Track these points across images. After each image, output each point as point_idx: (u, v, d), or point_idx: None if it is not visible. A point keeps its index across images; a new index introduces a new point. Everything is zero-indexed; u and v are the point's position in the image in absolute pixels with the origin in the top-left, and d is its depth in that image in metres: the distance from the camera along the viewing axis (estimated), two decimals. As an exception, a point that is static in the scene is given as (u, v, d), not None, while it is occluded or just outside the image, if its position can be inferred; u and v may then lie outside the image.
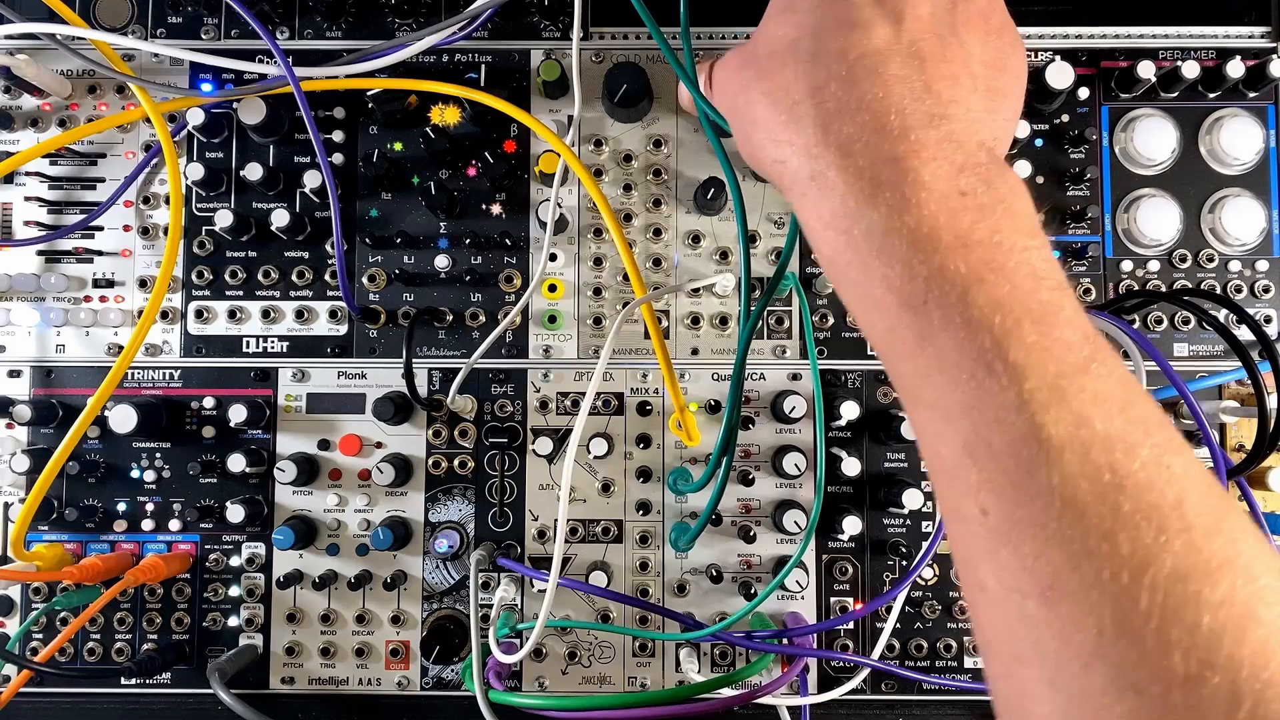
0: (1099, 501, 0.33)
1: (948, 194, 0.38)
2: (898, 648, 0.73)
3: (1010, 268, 0.37)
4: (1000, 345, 0.35)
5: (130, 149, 0.76)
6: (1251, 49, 0.75)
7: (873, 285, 0.39)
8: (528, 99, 0.76)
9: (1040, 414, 0.34)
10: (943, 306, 0.37)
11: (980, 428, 0.36)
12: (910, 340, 0.38)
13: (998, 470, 0.35)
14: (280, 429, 0.75)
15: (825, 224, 0.41)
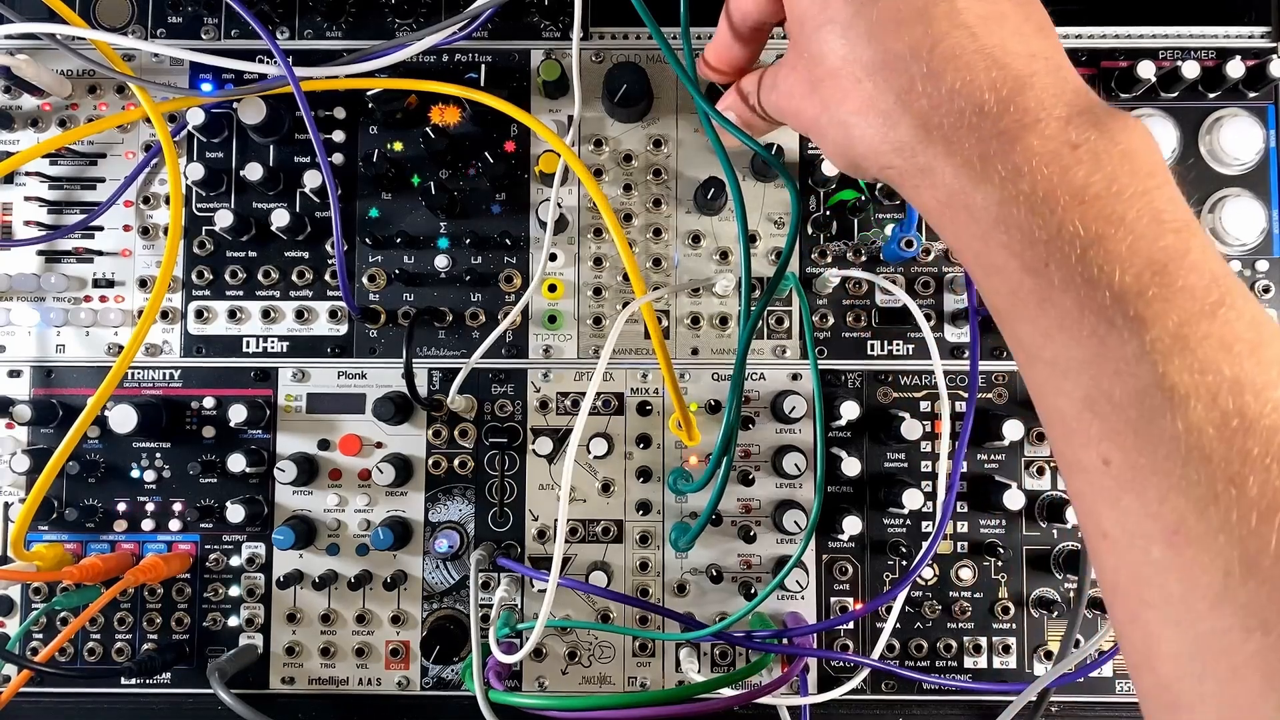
0: (1226, 446, 0.33)
1: (1058, 152, 0.38)
2: (898, 648, 0.73)
3: (1130, 218, 0.36)
4: (1121, 300, 0.35)
5: (130, 149, 0.76)
6: (1251, 49, 0.76)
7: (993, 253, 0.39)
8: (528, 99, 0.76)
9: (1163, 363, 0.34)
10: (1063, 268, 0.37)
11: (1101, 380, 0.36)
12: (1032, 302, 0.38)
13: (1120, 421, 0.35)
14: (280, 429, 0.75)
15: (942, 205, 0.42)
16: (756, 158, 0.73)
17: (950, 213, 0.41)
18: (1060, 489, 0.74)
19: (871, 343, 0.75)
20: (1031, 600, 0.73)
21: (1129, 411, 0.35)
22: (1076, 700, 0.73)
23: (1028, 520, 0.74)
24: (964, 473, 0.74)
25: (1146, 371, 0.34)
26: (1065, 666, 0.67)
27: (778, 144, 0.75)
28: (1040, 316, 0.38)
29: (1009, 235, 0.38)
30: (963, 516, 0.74)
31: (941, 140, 0.40)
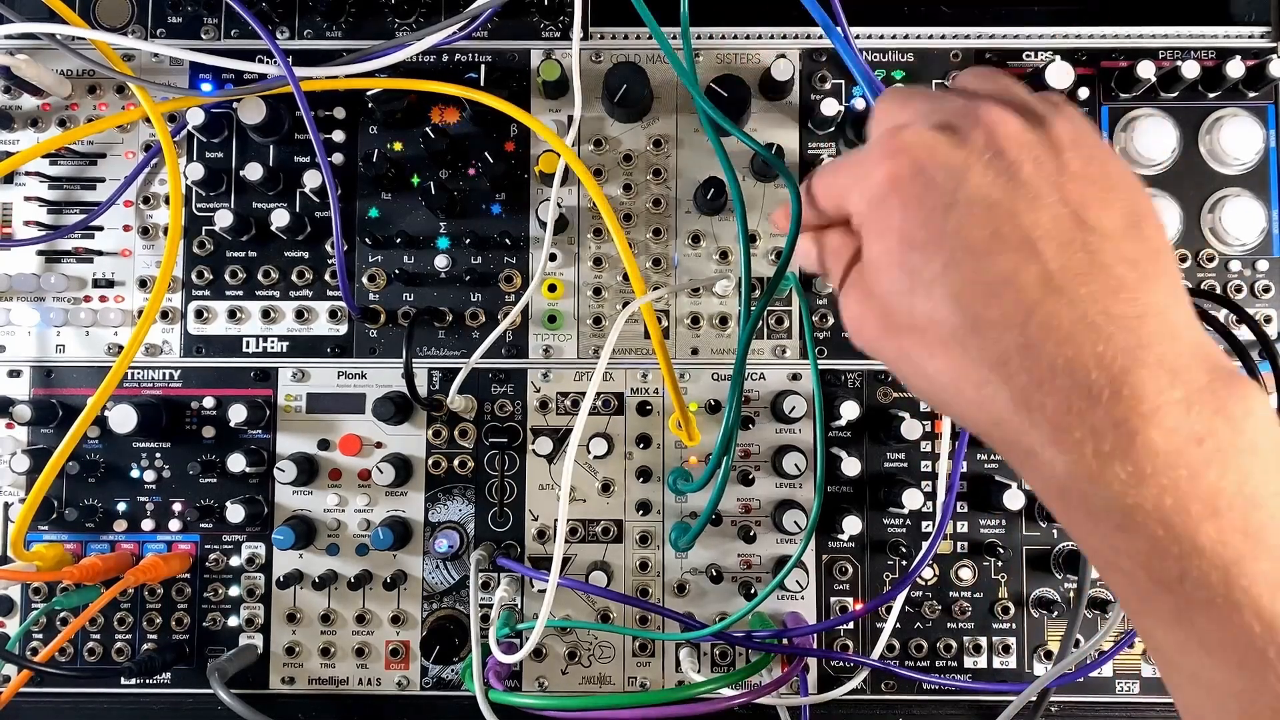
0: None
1: (1183, 450, 0.34)
2: (898, 648, 0.73)
3: (1270, 528, 0.33)
4: (1272, 630, 0.32)
5: (130, 149, 0.76)
6: (1251, 49, 0.75)
7: (1119, 558, 0.36)
8: (528, 99, 0.76)
9: None
10: (1202, 587, 0.33)
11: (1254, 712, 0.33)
12: (1165, 614, 0.35)
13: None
14: (280, 429, 0.75)
15: (1055, 496, 0.38)
16: (756, 158, 0.73)
17: (1064, 504, 0.37)
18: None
19: (871, 343, 0.75)
20: (1031, 600, 0.73)
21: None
22: (1076, 700, 0.73)
23: (1028, 520, 0.74)
24: (964, 473, 0.74)
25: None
26: (1065, 666, 0.67)
27: (778, 144, 0.75)
28: (1177, 630, 0.35)
29: (1136, 544, 0.35)
30: (963, 516, 0.74)
31: (1046, 425, 0.36)
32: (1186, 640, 0.35)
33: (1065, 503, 0.37)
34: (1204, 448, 0.34)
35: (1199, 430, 0.34)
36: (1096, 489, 0.35)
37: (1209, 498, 0.33)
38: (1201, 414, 0.34)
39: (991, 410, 0.38)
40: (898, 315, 0.41)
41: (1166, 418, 0.34)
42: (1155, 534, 0.34)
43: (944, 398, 0.41)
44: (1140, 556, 0.35)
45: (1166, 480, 0.34)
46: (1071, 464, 0.35)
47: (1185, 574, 0.34)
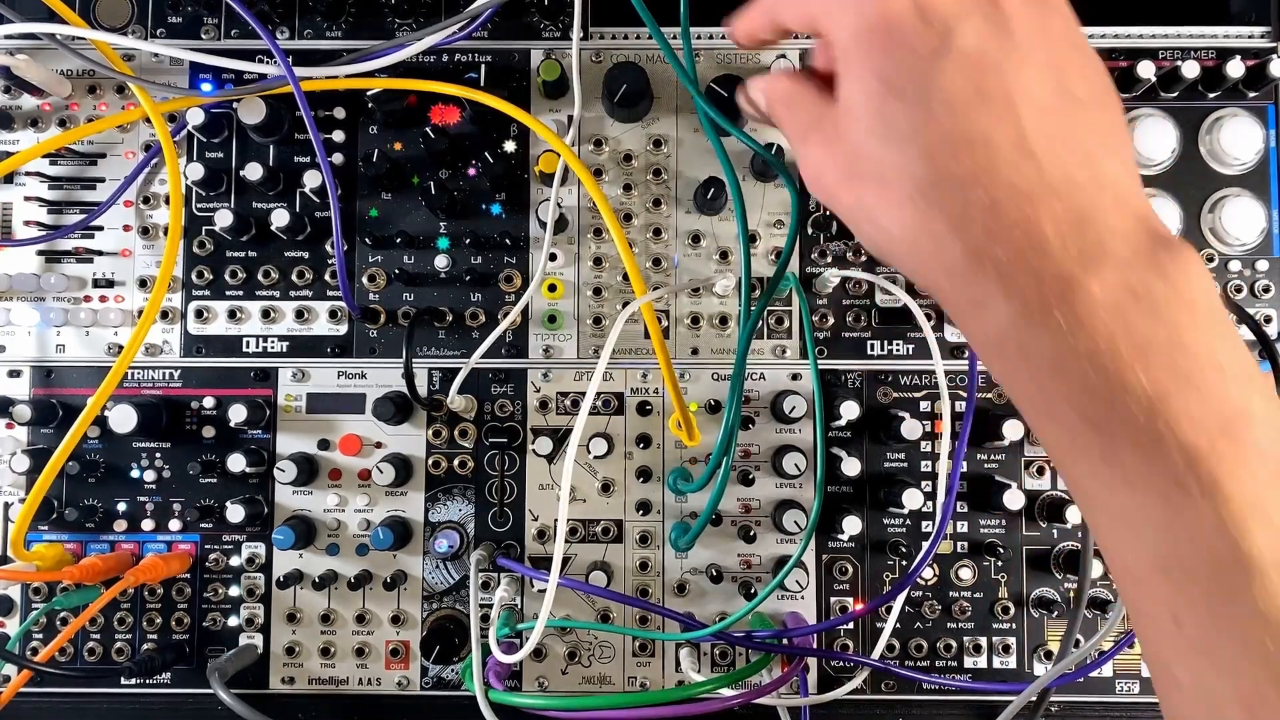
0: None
1: (1120, 301, 0.36)
2: (898, 648, 0.73)
3: (1196, 372, 0.35)
4: (1192, 463, 0.34)
5: (130, 149, 0.76)
6: (1251, 49, 0.75)
7: (1050, 402, 0.38)
8: (528, 99, 0.76)
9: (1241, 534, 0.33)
10: (1128, 425, 0.35)
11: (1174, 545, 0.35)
12: (1094, 455, 0.37)
13: (1194, 587, 0.34)
14: (280, 429, 0.75)
15: (994, 345, 0.40)
16: (756, 157, 0.73)
17: (1003, 352, 0.39)
18: (1061, 489, 0.74)
19: (871, 343, 0.75)
20: (1031, 600, 0.73)
21: (1204, 580, 0.34)
22: (1076, 700, 0.73)
23: (1028, 520, 0.74)
24: (964, 473, 0.74)
25: (1223, 543, 0.33)
26: (1065, 666, 0.67)
27: (778, 144, 0.75)
28: (1103, 469, 0.37)
29: (1069, 385, 0.37)
30: (963, 516, 0.74)
31: (995, 275, 0.38)
32: (1112, 478, 0.36)
33: (1003, 352, 0.39)
34: (1140, 301, 0.36)
35: (1136, 285, 0.36)
36: (1035, 335, 0.37)
37: (1140, 344, 0.35)
38: (1140, 272, 0.36)
39: (944, 261, 0.39)
40: (864, 164, 0.41)
41: (1108, 272, 0.36)
42: (1087, 375, 0.36)
43: (897, 249, 0.42)
44: (1072, 398, 0.37)
45: (1101, 327, 0.36)
46: (1015, 311, 0.37)
47: (1113, 412, 0.35)
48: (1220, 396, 0.35)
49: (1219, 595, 0.34)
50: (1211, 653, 0.34)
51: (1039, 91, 0.38)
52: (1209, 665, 0.34)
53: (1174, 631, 0.35)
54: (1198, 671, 0.35)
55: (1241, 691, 0.33)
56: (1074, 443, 0.38)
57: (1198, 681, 0.35)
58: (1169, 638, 0.36)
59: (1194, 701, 0.36)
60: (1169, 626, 0.36)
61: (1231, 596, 0.33)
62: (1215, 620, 0.34)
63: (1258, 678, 0.33)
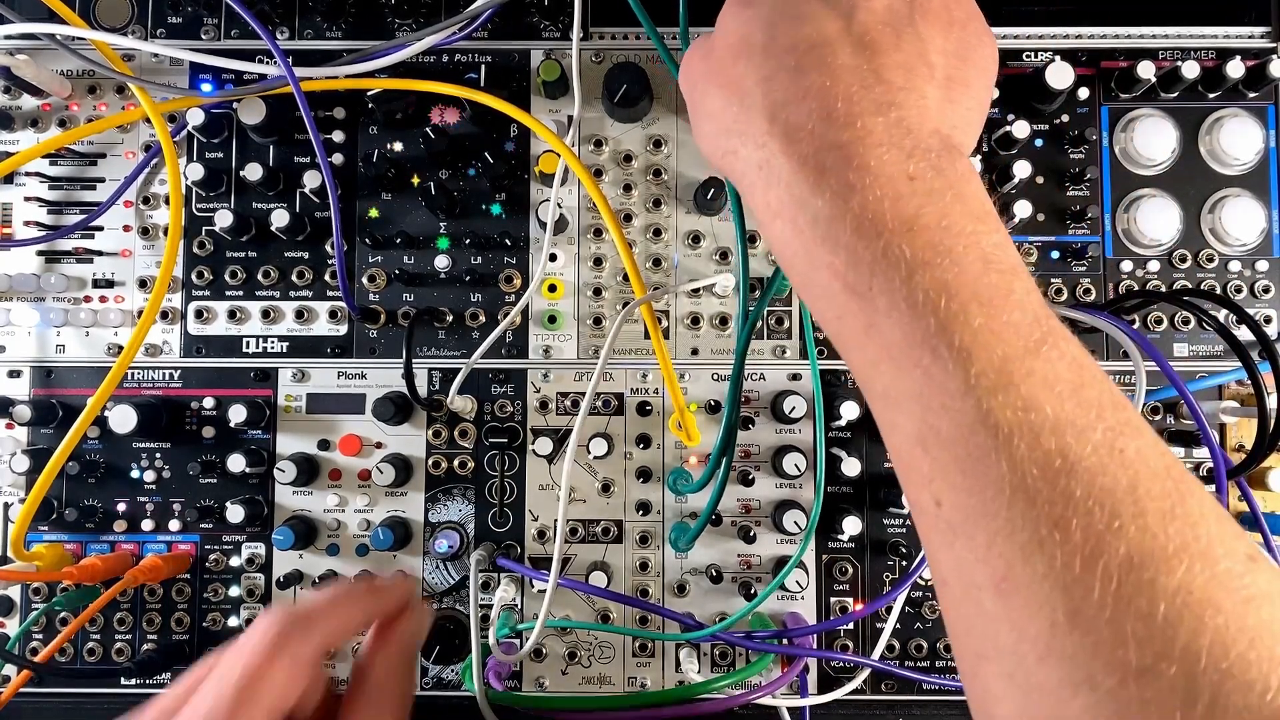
0: (1049, 488, 0.32)
1: (894, 178, 0.38)
2: (898, 648, 0.73)
3: (958, 251, 0.36)
4: (945, 329, 0.35)
5: (130, 149, 0.76)
6: (1251, 49, 0.76)
7: (819, 272, 0.39)
8: (528, 99, 0.76)
9: (987, 399, 0.34)
10: (887, 292, 0.36)
11: (929, 415, 0.35)
12: (858, 328, 0.38)
13: (948, 459, 0.35)
14: (280, 429, 0.75)
15: (773, 212, 0.41)
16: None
17: (780, 223, 0.41)
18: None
19: (871, 343, 0.75)
20: (1031, 600, 0.73)
21: (956, 449, 0.34)
22: (1076, 700, 0.73)
23: (1028, 520, 0.74)
24: (964, 473, 0.74)
25: (971, 407, 0.34)
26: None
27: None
28: (867, 344, 0.38)
29: (835, 255, 0.38)
30: (963, 516, 0.74)
31: (784, 134, 0.40)
32: (876, 353, 0.37)
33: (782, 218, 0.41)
34: (913, 184, 0.38)
35: (911, 171, 0.38)
36: (810, 199, 0.39)
37: (907, 218, 0.37)
38: (918, 162, 0.38)
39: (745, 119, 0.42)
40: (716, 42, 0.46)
41: (886, 153, 0.38)
42: (852, 243, 0.37)
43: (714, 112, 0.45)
44: (837, 267, 0.38)
45: (871, 196, 0.37)
46: (794, 172, 0.39)
47: (874, 279, 0.37)
48: (980, 275, 0.36)
49: (968, 464, 0.34)
50: (967, 533, 0.34)
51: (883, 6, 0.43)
52: (966, 548, 0.34)
53: (936, 515, 0.36)
54: (958, 559, 0.35)
55: (994, 573, 0.33)
56: (841, 320, 0.39)
57: (959, 573, 0.35)
58: (933, 526, 0.36)
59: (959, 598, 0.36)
60: (932, 512, 0.36)
61: (979, 465, 0.33)
62: (968, 493, 0.34)
63: (1006, 554, 0.33)
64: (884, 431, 0.39)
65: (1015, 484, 0.32)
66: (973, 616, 0.35)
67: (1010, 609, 0.32)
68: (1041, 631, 0.31)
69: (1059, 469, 0.32)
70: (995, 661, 0.34)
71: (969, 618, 0.35)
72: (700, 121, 0.48)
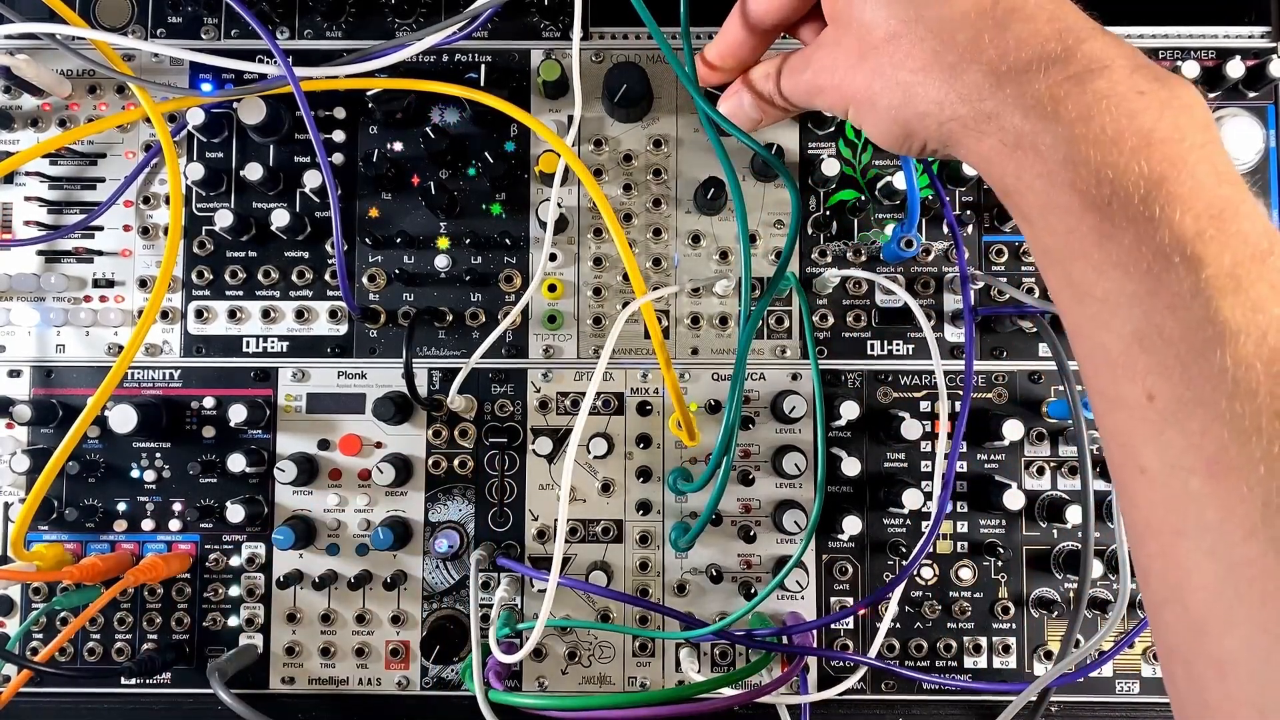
0: (1273, 382, 0.34)
1: (1126, 96, 0.39)
2: (898, 647, 0.73)
3: (1192, 163, 0.38)
4: (1180, 239, 0.37)
5: (130, 149, 0.76)
6: (1251, 49, 0.76)
7: (1057, 192, 0.41)
8: (528, 99, 0.76)
9: (1217, 299, 0.36)
10: (1126, 206, 0.38)
11: (1153, 315, 0.37)
12: (1091, 239, 0.40)
13: (1169, 354, 0.37)
14: (280, 429, 0.75)
15: (1008, 149, 0.43)
16: (756, 157, 0.73)
17: (1017, 155, 0.42)
18: (1060, 489, 0.74)
19: (871, 343, 0.75)
20: (1031, 600, 0.73)
21: (1179, 346, 0.36)
22: (1076, 700, 0.73)
23: (1028, 520, 0.74)
24: (964, 473, 0.74)
25: (1200, 307, 0.36)
26: (1065, 666, 0.67)
27: (778, 144, 0.75)
28: (1097, 252, 0.39)
29: (1076, 173, 0.40)
30: (963, 516, 0.74)
31: (1012, 83, 0.42)
32: (1105, 259, 0.39)
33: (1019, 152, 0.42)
34: (1144, 98, 0.39)
35: (1141, 86, 0.40)
36: (1048, 130, 0.41)
37: (1144, 133, 0.39)
38: (1144, 78, 0.40)
39: (962, 86, 0.43)
40: (875, 31, 0.46)
41: (1114, 73, 0.40)
42: (1093, 160, 0.39)
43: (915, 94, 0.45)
44: (1078, 184, 0.40)
45: (1109, 118, 0.39)
46: (1028, 113, 0.41)
47: (1115, 194, 0.39)
48: (1212, 188, 0.38)
49: (1191, 359, 0.36)
50: (1180, 421, 0.36)
51: None
52: (1177, 435, 0.37)
53: (1145, 408, 0.38)
54: (1165, 446, 0.37)
55: (1206, 456, 0.35)
56: (1073, 232, 0.41)
57: (1164, 458, 0.37)
58: (1140, 418, 0.38)
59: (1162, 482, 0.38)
60: (1141, 405, 0.38)
61: (1204, 357, 0.36)
62: (1187, 385, 0.36)
63: (1222, 439, 0.35)
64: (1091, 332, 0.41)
65: (1239, 378, 0.35)
66: (1176, 497, 0.37)
67: (1220, 489, 0.35)
68: (1252, 510, 0.34)
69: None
70: (1196, 538, 0.36)
71: (1170, 499, 0.37)
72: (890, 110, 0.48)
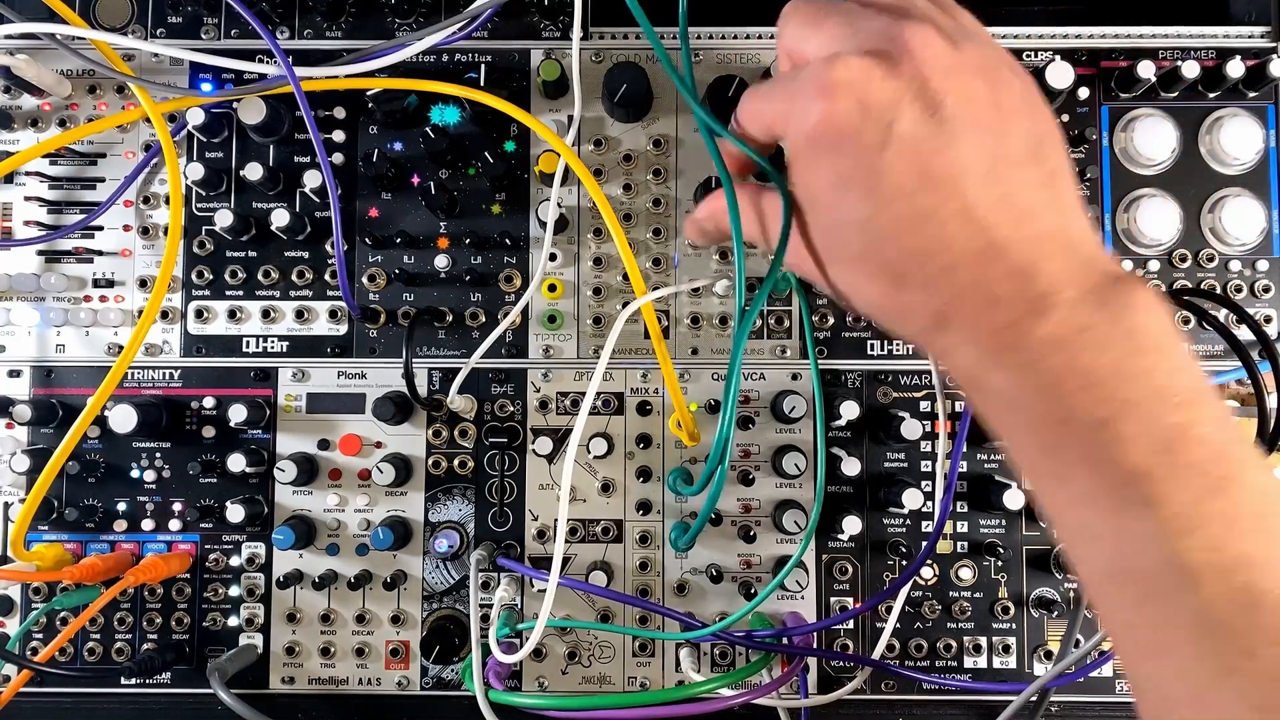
0: (1238, 619, 0.35)
1: (1066, 339, 0.39)
2: (898, 647, 0.73)
3: (1135, 398, 0.38)
4: (1132, 481, 0.37)
5: (130, 149, 0.76)
6: (1251, 49, 0.75)
7: (1013, 431, 0.43)
8: (528, 99, 0.76)
9: (1175, 542, 0.36)
10: (1075, 449, 0.39)
11: (1120, 556, 0.38)
12: (1050, 477, 0.41)
13: (1140, 593, 0.38)
14: (280, 429, 0.75)
15: (965, 383, 0.45)
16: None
17: (972, 388, 0.44)
18: (1060, 489, 0.74)
19: (871, 342, 0.75)
20: (1031, 600, 0.73)
21: (1148, 586, 0.37)
22: (1076, 700, 0.73)
23: (1028, 520, 0.74)
24: (964, 473, 0.74)
25: (1160, 551, 0.36)
26: (1065, 666, 0.67)
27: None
28: (1059, 490, 0.41)
29: (1024, 416, 0.41)
30: (963, 516, 0.74)
31: (957, 330, 0.43)
32: (1068, 497, 0.40)
33: (971, 388, 0.44)
34: (1084, 335, 0.39)
35: (1082, 322, 0.39)
36: (994, 375, 0.42)
37: (1084, 374, 0.39)
38: (1085, 309, 0.40)
39: (916, 324, 0.45)
40: (835, 250, 0.47)
41: (1055, 313, 0.40)
42: (1038, 408, 0.40)
43: (880, 316, 0.47)
44: (1029, 426, 0.41)
45: (1049, 365, 0.39)
46: (978, 355, 0.42)
47: (1061, 439, 0.40)
48: (1160, 419, 0.38)
49: (1161, 599, 0.37)
50: (1159, 655, 0.38)
51: (976, 163, 0.42)
52: (1159, 667, 0.38)
53: (1130, 637, 0.39)
54: (1152, 674, 0.39)
55: (1189, 692, 0.36)
56: (1033, 466, 0.42)
57: (1153, 684, 0.39)
58: (1127, 644, 0.40)
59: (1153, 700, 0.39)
60: (1125, 632, 0.39)
61: (1171, 600, 0.36)
62: (1161, 622, 0.37)
63: (1200, 679, 0.36)
64: (1073, 556, 0.42)
65: (1206, 618, 0.35)
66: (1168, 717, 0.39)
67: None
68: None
69: (1245, 604, 0.35)
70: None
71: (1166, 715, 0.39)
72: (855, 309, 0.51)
